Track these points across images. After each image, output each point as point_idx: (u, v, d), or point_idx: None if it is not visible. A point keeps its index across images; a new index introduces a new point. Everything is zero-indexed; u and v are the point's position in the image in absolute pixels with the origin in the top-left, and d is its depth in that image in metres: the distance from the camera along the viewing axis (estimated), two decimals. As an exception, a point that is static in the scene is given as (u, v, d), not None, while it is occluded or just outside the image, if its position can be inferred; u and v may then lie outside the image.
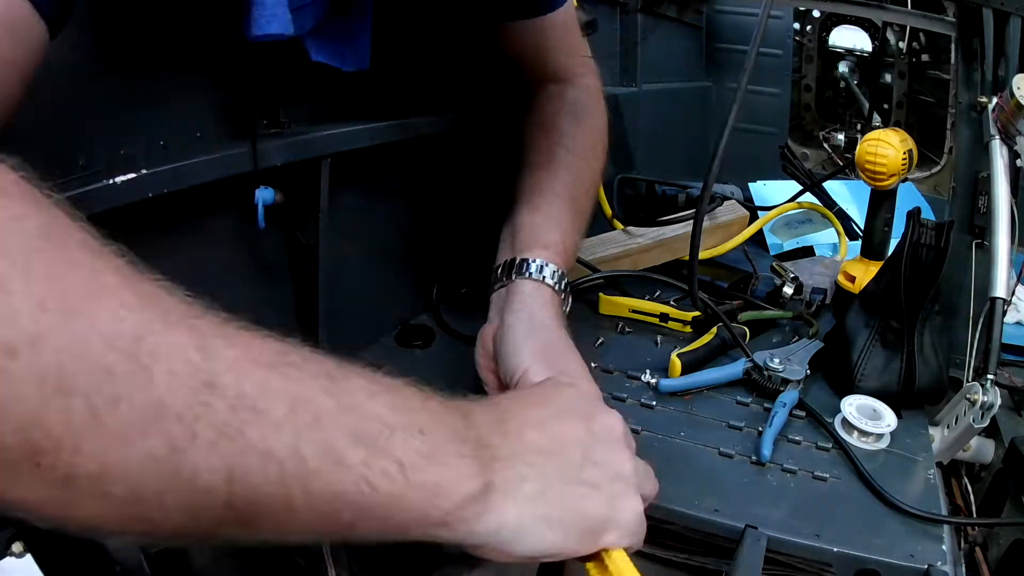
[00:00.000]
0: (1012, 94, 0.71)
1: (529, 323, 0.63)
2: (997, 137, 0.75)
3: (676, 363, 0.78)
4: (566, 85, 0.81)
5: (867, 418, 0.69)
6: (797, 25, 1.80)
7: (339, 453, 0.30)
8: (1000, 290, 0.69)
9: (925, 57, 1.65)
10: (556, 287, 0.67)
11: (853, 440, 0.69)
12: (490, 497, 0.37)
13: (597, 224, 1.17)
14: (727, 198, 1.28)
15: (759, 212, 1.28)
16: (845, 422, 0.70)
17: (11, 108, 0.38)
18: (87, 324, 0.26)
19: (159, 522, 0.28)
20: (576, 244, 0.74)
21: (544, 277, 0.66)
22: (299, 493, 0.29)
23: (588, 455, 0.44)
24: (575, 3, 0.97)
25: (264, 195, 0.60)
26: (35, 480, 0.26)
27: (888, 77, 1.72)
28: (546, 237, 0.69)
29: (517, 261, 0.68)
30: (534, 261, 0.67)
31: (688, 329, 0.93)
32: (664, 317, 0.94)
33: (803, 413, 0.74)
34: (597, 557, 0.44)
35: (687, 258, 0.84)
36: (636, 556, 0.68)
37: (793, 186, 1.30)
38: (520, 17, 0.76)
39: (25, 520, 0.28)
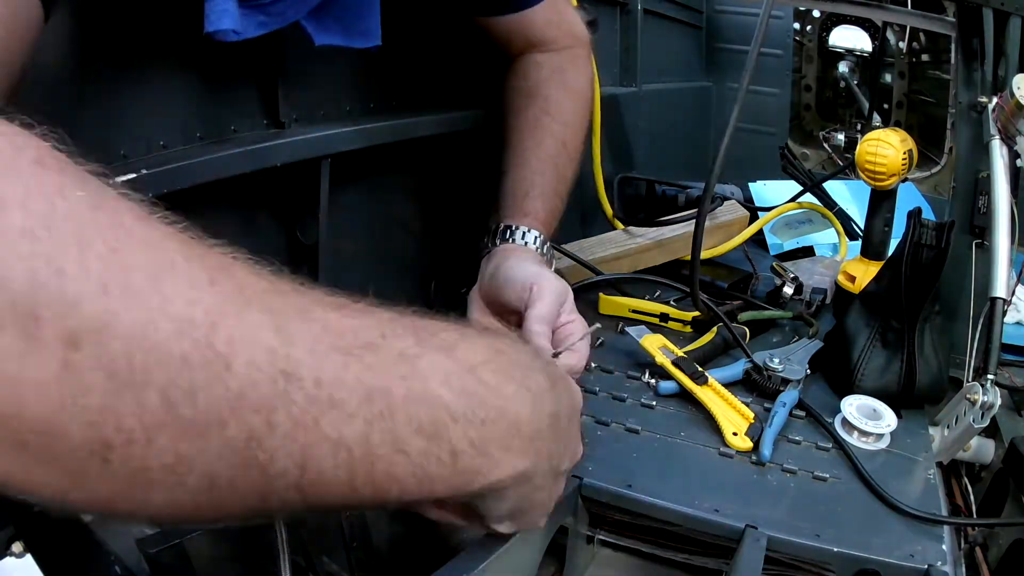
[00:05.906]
0: (1012, 94, 0.71)
1: (521, 257, 0.68)
2: (997, 137, 0.74)
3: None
4: (552, 53, 0.82)
5: (867, 418, 0.69)
6: (797, 25, 1.80)
7: (404, 443, 0.31)
8: (1000, 290, 0.69)
9: (925, 57, 1.65)
10: (539, 251, 0.71)
11: (853, 440, 0.69)
12: (519, 483, 0.37)
13: (597, 224, 1.18)
14: (727, 198, 1.28)
15: (759, 212, 1.28)
16: (845, 422, 0.70)
17: (12, 86, 0.38)
18: (157, 308, 0.23)
19: (230, 506, 0.28)
20: (559, 210, 0.77)
21: (527, 242, 0.70)
22: (361, 476, 0.30)
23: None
24: (574, 3, 0.97)
25: None
26: (104, 476, 0.24)
27: (888, 77, 1.72)
28: (529, 205, 0.73)
29: (501, 228, 0.72)
30: (517, 228, 0.71)
31: (688, 329, 0.93)
32: (664, 317, 0.94)
33: (803, 413, 0.74)
34: None
35: (687, 258, 0.84)
36: (637, 556, 0.68)
37: (793, 186, 1.30)
38: (502, 13, 0.77)
39: (98, 512, 0.27)
